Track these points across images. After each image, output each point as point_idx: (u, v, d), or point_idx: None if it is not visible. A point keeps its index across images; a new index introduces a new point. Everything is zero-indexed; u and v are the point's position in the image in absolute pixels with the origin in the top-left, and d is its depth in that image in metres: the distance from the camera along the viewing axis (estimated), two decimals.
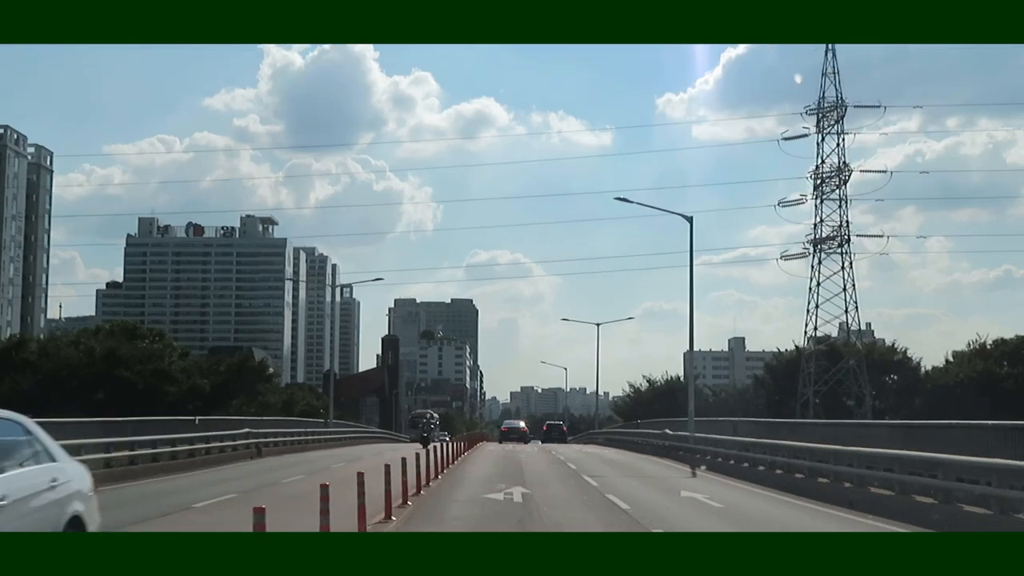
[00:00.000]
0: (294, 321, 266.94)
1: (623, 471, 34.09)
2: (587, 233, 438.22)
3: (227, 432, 39.83)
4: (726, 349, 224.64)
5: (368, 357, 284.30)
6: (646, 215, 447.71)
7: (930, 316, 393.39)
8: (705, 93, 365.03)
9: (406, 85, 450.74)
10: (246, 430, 41.67)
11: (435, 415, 79.39)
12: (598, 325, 78.80)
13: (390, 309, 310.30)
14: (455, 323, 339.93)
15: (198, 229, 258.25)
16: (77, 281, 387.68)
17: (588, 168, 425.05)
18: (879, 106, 68.96)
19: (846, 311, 70.90)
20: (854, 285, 70.74)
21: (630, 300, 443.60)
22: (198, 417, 41.02)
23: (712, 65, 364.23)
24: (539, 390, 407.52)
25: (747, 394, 79.81)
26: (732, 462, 32.41)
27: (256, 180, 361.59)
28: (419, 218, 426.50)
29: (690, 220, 42.43)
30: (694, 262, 42.31)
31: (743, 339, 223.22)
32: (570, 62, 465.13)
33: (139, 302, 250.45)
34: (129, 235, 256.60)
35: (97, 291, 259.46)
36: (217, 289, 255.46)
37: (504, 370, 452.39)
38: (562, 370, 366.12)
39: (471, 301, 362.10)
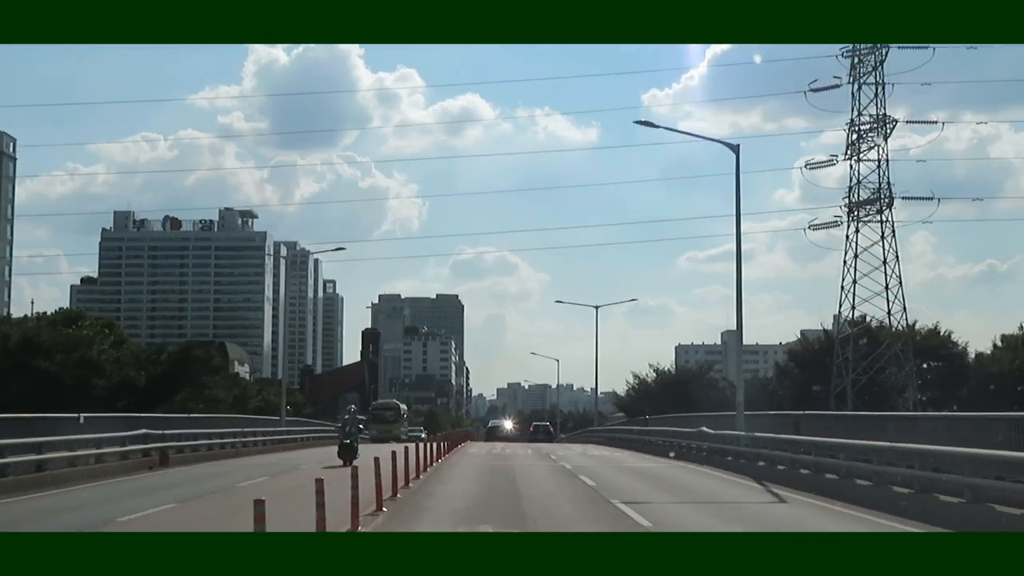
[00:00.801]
0: (275, 316, 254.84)
1: (670, 491, 22.84)
2: (574, 229, 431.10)
3: (108, 435, 28.49)
4: (719, 343, 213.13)
5: (352, 354, 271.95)
6: (630, 209, 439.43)
7: (914, 311, 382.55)
8: (690, 88, 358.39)
9: (391, 81, 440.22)
10: (143, 431, 30.36)
11: (399, 405, 65.69)
12: (596, 308, 68.05)
13: (373, 304, 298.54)
14: (441, 319, 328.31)
15: (175, 223, 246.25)
16: (62, 280, 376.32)
17: (575, 164, 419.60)
18: (927, 46, 57.54)
19: (886, 287, 59.74)
20: (897, 256, 59.58)
21: (617, 296, 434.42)
22: (83, 414, 29.83)
23: (697, 60, 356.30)
24: (526, 386, 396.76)
25: (769, 385, 68.69)
26: (835, 477, 21.24)
27: (241, 178, 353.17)
28: (405, 215, 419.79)
29: (736, 149, 31.93)
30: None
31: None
32: (555, 57, 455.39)
33: (115, 297, 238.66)
34: (104, 229, 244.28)
35: (71, 287, 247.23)
36: (195, 284, 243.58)
37: (491, 367, 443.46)
38: (550, 366, 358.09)
39: (456, 297, 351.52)
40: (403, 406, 65.34)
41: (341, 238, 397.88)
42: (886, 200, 59.04)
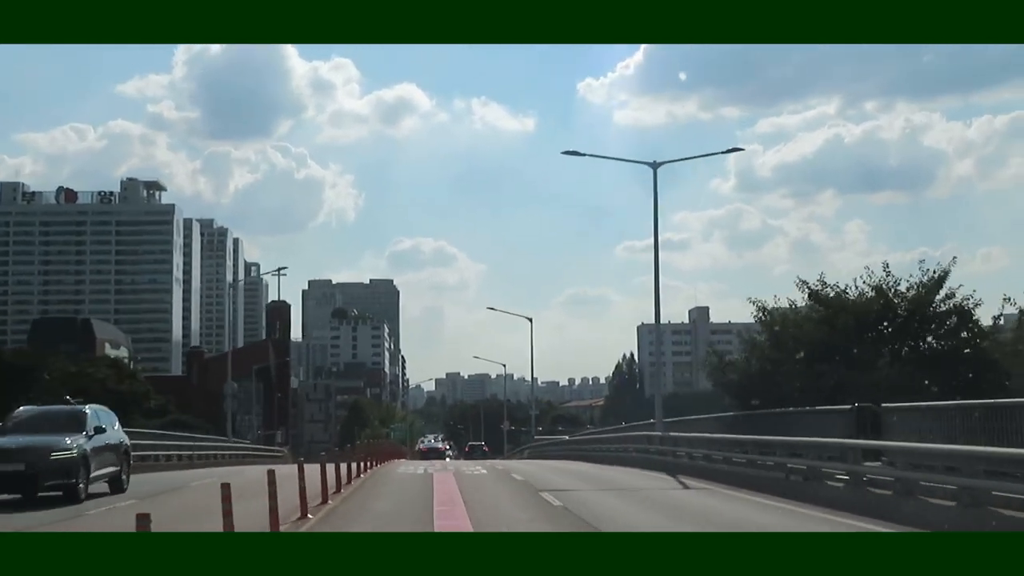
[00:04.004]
0: (186, 300, 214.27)
1: None
2: (511, 219, 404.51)
3: None
4: (686, 321, 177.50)
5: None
6: (568, 200, 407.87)
7: None
8: (626, 78, 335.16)
9: (326, 71, 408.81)
10: None
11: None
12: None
13: (279, 269, 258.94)
14: (375, 305, 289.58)
15: (70, 195, 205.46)
16: None
17: (512, 153, 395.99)
18: None
19: None
20: None
21: (555, 286, 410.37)
22: None
23: (633, 49, 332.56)
24: (465, 376, 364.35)
25: None
26: None
27: (174, 169, 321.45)
28: (341, 206, 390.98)
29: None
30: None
31: (707, 309, 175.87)
32: (491, 47, 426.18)
33: (1, 279, 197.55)
34: None
35: None
36: (94, 263, 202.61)
37: (430, 358, 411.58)
38: (488, 356, 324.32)
39: (391, 282, 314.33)
40: None
41: (276, 229, 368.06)
42: None
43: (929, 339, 22.43)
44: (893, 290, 22.85)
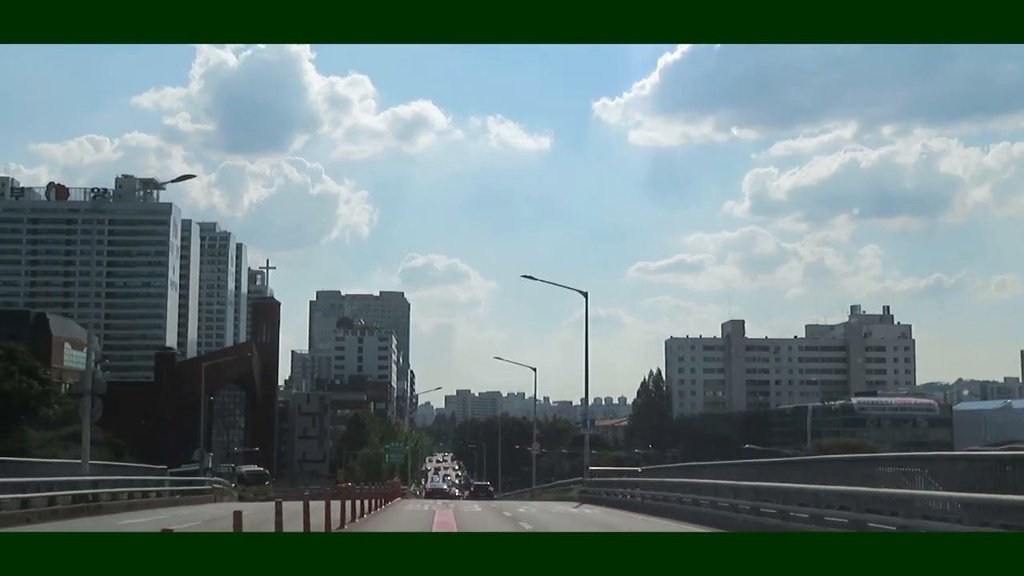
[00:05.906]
0: (183, 306, 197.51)
1: None
2: (524, 238, 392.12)
3: None
4: (718, 335, 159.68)
5: (283, 359, 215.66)
6: (581, 219, 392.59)
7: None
8: (641, 98, 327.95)
9: (342, 86, 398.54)
10: None
11: None
12: None
13: (265, 267, 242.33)
14: (385, 318, 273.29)
15: (61, 191, 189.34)
16: None
17: (527, 172, 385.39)
18: None
19: None
20: None
21: (566, 306, 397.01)
22: None
23: (649, 70, 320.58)
24: (476, 394, 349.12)
25: None
26: None
27: (189, 182, 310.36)
28: (355, 221, 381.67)
29: None
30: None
31: (742, 323, 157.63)
32: (507, 64, 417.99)
33: None
34: None
35: None
36: (84, 264, 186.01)
37: (440, 375, 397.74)
38: (500, 374, 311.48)
39: (402, 294, 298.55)
40: None
41: (289, 244, 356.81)
42: None
43: None
44: None
